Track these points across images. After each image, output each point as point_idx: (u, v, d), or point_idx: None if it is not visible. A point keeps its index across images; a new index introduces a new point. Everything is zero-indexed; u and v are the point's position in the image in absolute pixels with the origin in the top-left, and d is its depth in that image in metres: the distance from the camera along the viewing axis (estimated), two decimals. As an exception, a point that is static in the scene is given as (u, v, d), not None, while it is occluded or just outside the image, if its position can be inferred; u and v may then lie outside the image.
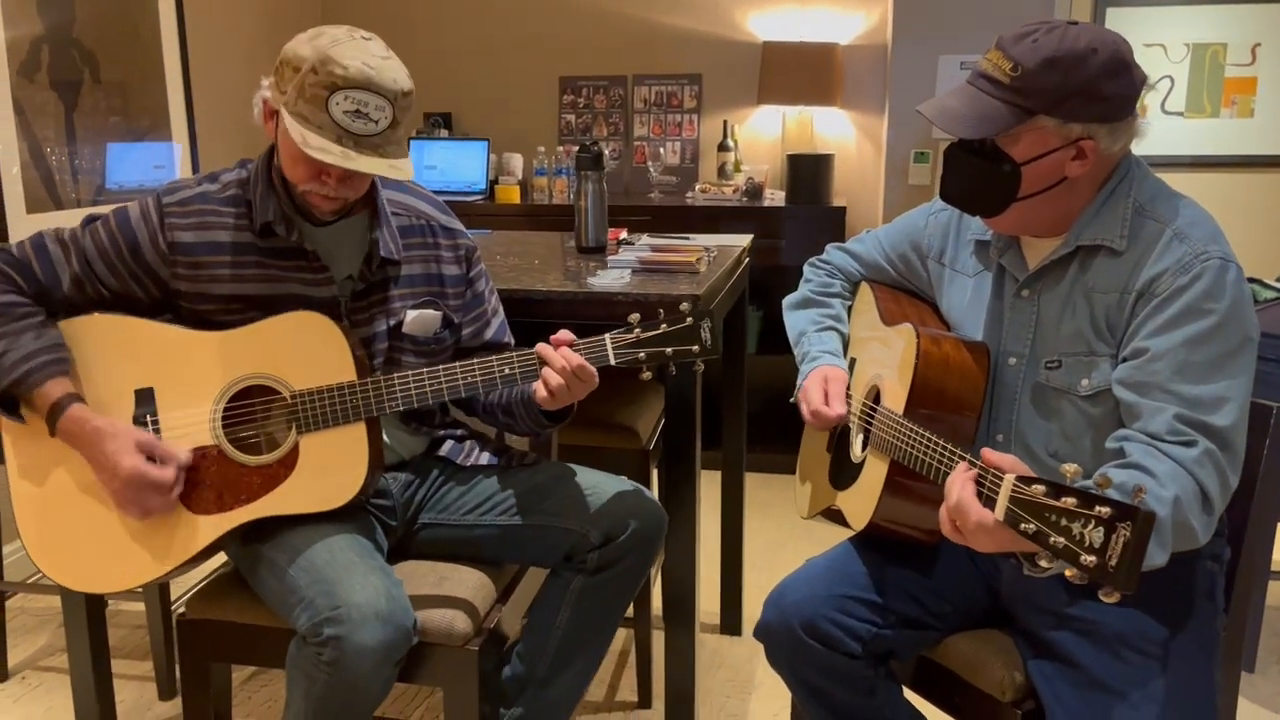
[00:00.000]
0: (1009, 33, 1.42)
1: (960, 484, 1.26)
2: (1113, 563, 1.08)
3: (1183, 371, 1.34)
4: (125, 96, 3.22)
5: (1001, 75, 1.40)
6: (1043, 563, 1.18)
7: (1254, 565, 1.58)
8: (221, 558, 1.73)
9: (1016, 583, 1.54)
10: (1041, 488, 1.16)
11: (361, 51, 1.51)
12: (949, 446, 1.35)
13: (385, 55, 1.54)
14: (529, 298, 1.98)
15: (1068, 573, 1.12)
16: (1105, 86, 1.37)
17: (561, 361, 1.57)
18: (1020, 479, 1.18)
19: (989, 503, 1.22)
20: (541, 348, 1.60)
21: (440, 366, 1.61)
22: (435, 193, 1.88)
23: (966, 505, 1.24)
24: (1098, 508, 1.10)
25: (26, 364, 1.54)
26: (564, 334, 1.61)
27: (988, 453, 1.26)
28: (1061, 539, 1.12)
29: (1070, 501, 1.12)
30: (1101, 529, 1.09)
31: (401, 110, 1.53)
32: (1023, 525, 1.17)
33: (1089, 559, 1.10)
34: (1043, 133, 1.40)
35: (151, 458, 1.54)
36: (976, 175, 1.46)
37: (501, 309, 1.89)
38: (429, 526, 1.77)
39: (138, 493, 1.53)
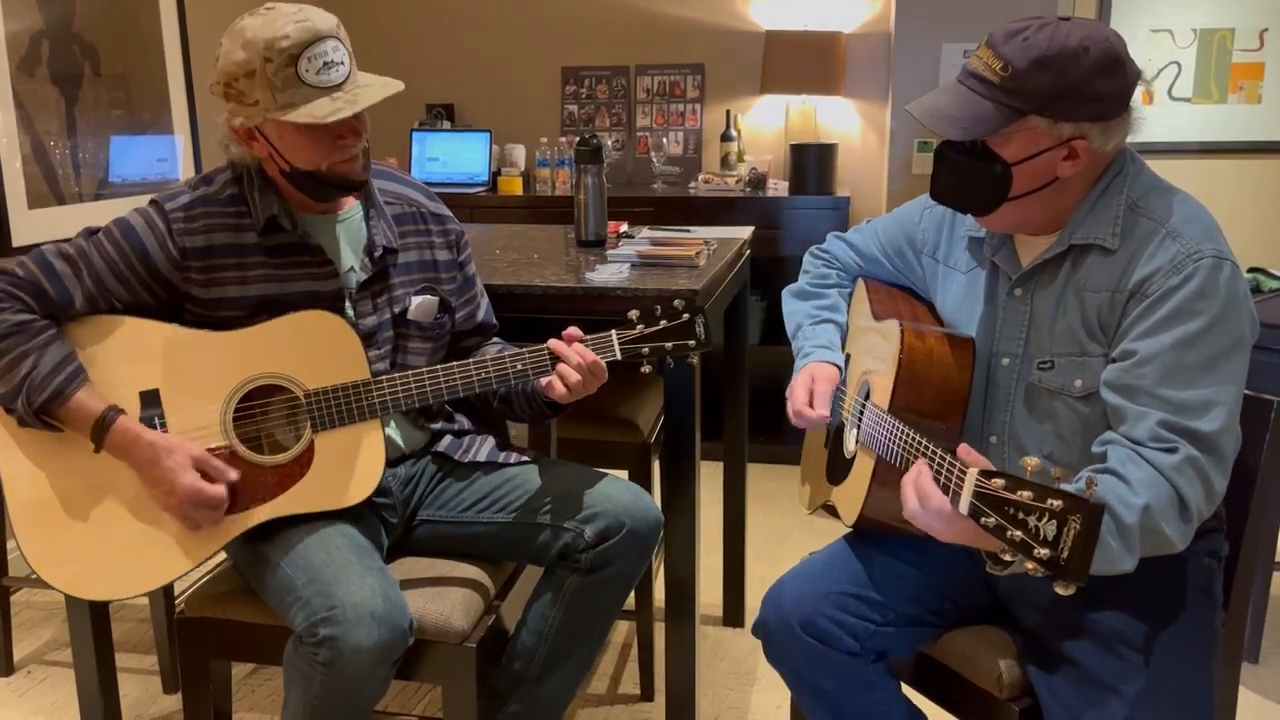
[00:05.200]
0: (1000, 30, 1.39)
1: (914, 477, 1.30)
2: (1064, 555, 1.09)
3: (1171, 375, 1.32)
4: (126, 90, 3.22)
5: (991, 75, 1.37)
6: (1006, 557, 1.18)
7: (1256, 558, 1.57)
8: (221, 555, 1.74)
9: (1013, 581, 1.54)
10: (1001, 481, 1.17)
11: (281, 17, 1.53)
12: (924, 442, 1.35)
13: (299, 6, 1.57)
14: (528, 293, 1.98)
15: (1027, 566, 1.13)
16: (1098, 85, 1.34)
17: (578, 358, 1.61)
18: (983, 473, 1.19)
19: (954, 497, 1.23)
20: (556, 345, 1.64)
21: (454, 364, 1.63)
22: (437, 185, 1.89)
23: (927, 492, 1.28)
24: (1050, 500, 1.11)
25: (57, 376, 1.52)
26: (574, 331, 1.65)
27: (963, 449, 1.27)
28: (1019, 532, 1.13)
29: (1026, 495, 1.13)
30: (1054, 521, 1.11)
31: (345, 40, 1.58)
32: (983, 519, 1.18)
33: (1042, 551, 1.11)
34: (1034, 133, 1.38)
35: (205, 474, 1.54)
36: (967, 175, 1.44)
37: (485, 292, 1.92)
38: (427, 523, 1.78)
39: (193, 509, 1.53)
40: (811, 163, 3.78)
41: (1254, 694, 2.41)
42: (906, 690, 1.61)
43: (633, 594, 1.95)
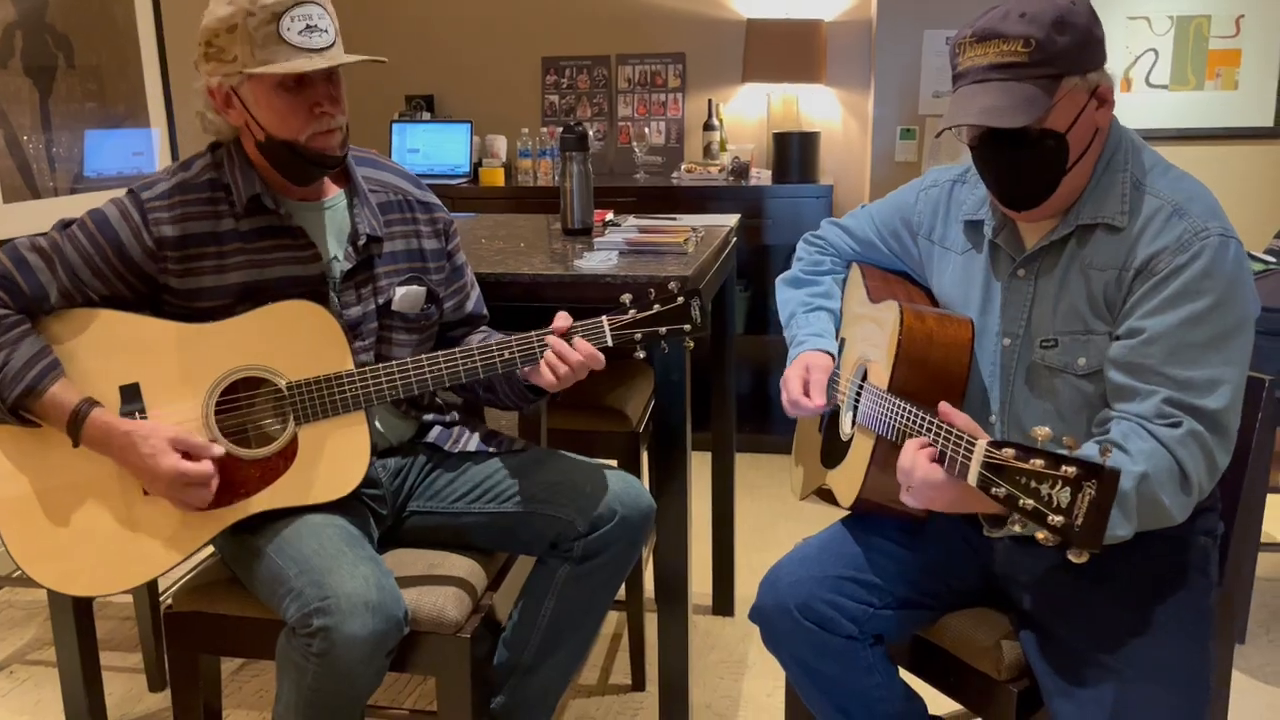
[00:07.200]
0: (981, 24, 1.39)
1: (912, 452, 1.33)
2: (1078, 522, 1.10)
3: (1177, 354, 1.33)
4: (101, 82, 3.17)
5: (1017, 57, 1.36)
6: (1016, 528, 1.19)
7: (1246, 538, 1.58)
8: (209, 549, 1.72)
9: (1009, 562, 1.54)
10: (1012, 451, 1.17)
11: None
12: (927, 415, 1.34)
13: None
14: (516, 281, 1.96)
15: (1038, 535, 1.13)
16: (1096, 30, 1.39)
17: (577, 356, 1.59)
18: (992, 443, 1.19)
19: (962, 469, 1.24)
20: (556, 343, 1.60)
21: (440, 353, 1.61)
22: (419, 176, 1.86)
23: (913, 464, 1.30)
24: (1064, 468, 1.12)
25: (30, 370, 1.50)
26: (563, 318, 1.62)
27: (944, 408, 1.29)
28: (1031, 500, 1.14)
29: (1038, 463, 1.14)
30: (1068, 489, 1.11)
31: (331, 13, 1.57)
32: (994, 490, 1.18)
33: (1056, 519, 1.11)
34: (1074, 93, 1.38)
35: (187, 454, 1.52)
36: (1029, 164, 1.41)
37: (476, 281, 1.89)
38: (417, 514, 1.76)
39: (181, 491, 1.51)
40: (794, 151, 3.78)
41: (1241, 673, 2.42)
42: (904, 674, 1.61)
43: (623, 584, 1.94)
